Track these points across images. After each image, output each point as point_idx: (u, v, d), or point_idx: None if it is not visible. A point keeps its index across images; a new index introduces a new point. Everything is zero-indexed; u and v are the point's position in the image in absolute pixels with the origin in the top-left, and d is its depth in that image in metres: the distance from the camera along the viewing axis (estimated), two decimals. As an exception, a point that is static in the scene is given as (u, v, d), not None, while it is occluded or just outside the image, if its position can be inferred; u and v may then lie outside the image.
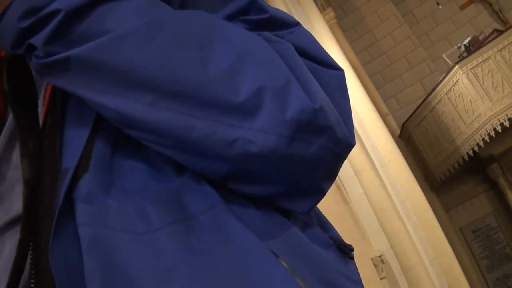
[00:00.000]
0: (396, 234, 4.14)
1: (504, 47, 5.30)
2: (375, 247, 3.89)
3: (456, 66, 5.42)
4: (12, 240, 0.40)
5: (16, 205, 0.41)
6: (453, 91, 5.52)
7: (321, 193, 0.42)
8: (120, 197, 0.37)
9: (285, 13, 0.48)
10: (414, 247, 4.21)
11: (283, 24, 0.46)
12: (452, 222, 5.97)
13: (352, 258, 0.47)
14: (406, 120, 6.19)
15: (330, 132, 0.39)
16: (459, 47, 6.04)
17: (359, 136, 4.51)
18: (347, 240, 0.49)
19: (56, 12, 0.36)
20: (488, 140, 5.26)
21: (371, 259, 3.35)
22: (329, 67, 0.44)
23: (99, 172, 0.38)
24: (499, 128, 5.16)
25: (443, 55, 6.41)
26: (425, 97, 5.99)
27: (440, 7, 6.92)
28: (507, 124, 5.13)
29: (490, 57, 5.31)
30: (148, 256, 0.33)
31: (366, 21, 7.29)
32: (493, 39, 5.43)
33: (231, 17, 0.45)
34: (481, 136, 5.30)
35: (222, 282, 0.32)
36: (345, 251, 0.46)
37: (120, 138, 0.41)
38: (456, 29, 6.83)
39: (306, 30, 0.47)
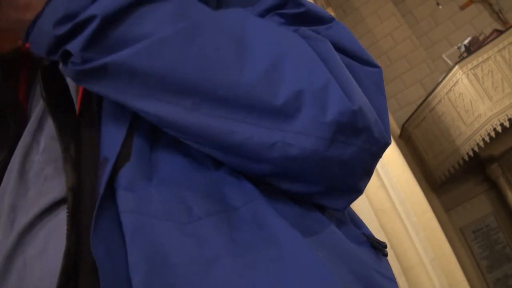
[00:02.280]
0: (396, 234, 4.14)
1: (504, 47, 5.29)
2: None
3: (456, 66, 5.41)
4: (45, 229, 0.39)
5: (47, 191, 0.41)
6: (453, 91, 5.51)
7: (358, 192, 0.43)
8: (161, 186, 0.37)
9: (320, 8, 0.48)
10: (414, 247, 4.21)
11: (319, 19, 0.46)
12: (452, 222, 5.97)
13: (385, 255, 0.46)
14: (406, 121, 6.19)
15: (368, 133, 0.39)
16: (459, 47, 6.04)
17: (359, 136, 4.51)
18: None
19: (92, 18, 0.36)
20: (488, 140, 5.26)
21: (371, 259, 3.34)
22: (367, 64, 0.44)
23: (140, 162, 0.38)
24: (499, 128, 5.16)
25: (443, 55, 6.40)
26: (425, 97, 5.99)
27: (440, 7, 6.92)
28: (507, 124, 5.12)
29: (490, 57, 5.30)
30: (191, 245, 0.33)
31: (366, 21, 7.29)
32: (493, 39, 5.43)
33: (268, 11, 0.45)
34: (481, 136, 5.30)
35: (264, 274, 0.32)
36: (379, 248, 0.45)
37: (158, 131, 0.41)
38: (456, 29, 6.83)
39: (343, 26, 0.47)
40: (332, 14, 6.36)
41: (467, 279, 4.46)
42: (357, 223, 0.49)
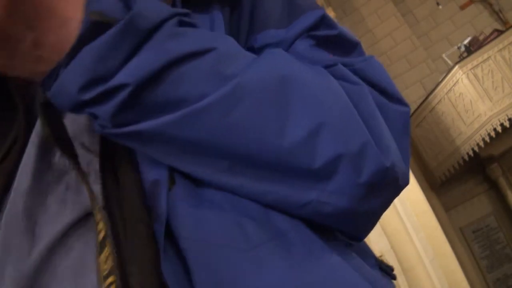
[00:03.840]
0: (396, 234, 4.14)
1: (504, 47, 5.29)
2: (375, 247, 3.89)
3: (456, 66, 5.42)
4: (80, 243, 0.37)
5: (72, 203, 0.38)
6: (453, 91, 5.52)
7: (375, 224, 0.44)
8: (217, 209, 0.36)
9: (348, 31, 0.48)
10: (414, 247, 4.21)
11: (348, 43, 0.47)
12: (452, 222, 5.97)
13: (394, 279, 0.47)
14: (406, 120, 6.19)
15: (395, 183, 0.40)
16: (459, 47, 6.04)
17: (359, 136, 4.51)
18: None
19: (123, 86, 0.33)
20: (488, 140, 5.26)
21: (371, 259, 3.34)
22: (398, 102, 0.44)
23: (186, 185, 0.37)
24: (499, 128, 5.16)
25: (443, 55, 6.41)
26: (425, 97, 5.99)
27: (440, 7, 6.92)
28: (507, 124, 5.12)
29: (490, 57, 5.30)
30: (254, 272, 0.33)
31: (366, 21, 7.29)
32: (493, 39, 5.43)
33: (302, 33, 0.45)
34: (481, 136, 5.30)
35: None
36: (388, 272, 0.46)
37: None
38: (456, 29, 6.83)
39: (378, 62, 0.47)
40: (332, 14, 6.36)
41: (467, 279, 4.47)
42: (367, 247, 0.49)
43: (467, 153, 5.50)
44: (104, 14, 0.33)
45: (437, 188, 6.05)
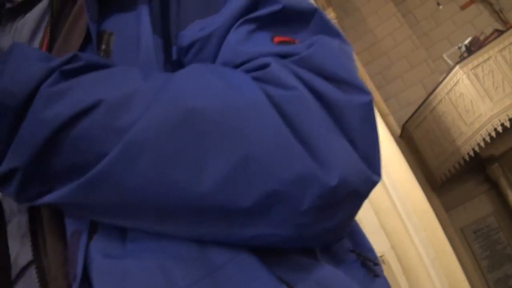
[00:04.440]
0: (397, 234, 4.13)
1: (504, 47, 5.29)
2: (376, 247, 3.87)
3: (457, 67, 5.41)
4: None
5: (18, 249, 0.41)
6: (454, 91, 5.51)
7: (348, 227, 0.41)
8: (139, 254, 0.34)
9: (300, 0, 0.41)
10: (415, 247, 4.21)
11: (299, 14, 0.40)
12: (452, 223, 5.97)
13: (378, 275, 0.42)
14: (407, 121, 6.19)
15: (354, 195, 0.35)
16: (459, 47, 6.03)
17: (359, 136, 4.51)
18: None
19: (13, 171, 0.32)
20: (488, 140, 5.25)
21: (372, 259, 3.34)
22: (355, 91, 0.37)
23: (110, 231, 0.35)
24: (499, 128, 5.16)
25: (444, 55, 6.40)
26: (425, 97, 5.98)
27: (440, 7, 6.91)
28: (507, 124, 5.12)
29: (490, 57, 5.30)
30: None
31: (366, 22, 7.29)
32: (494, 39, 5.42)
33: (236, 19, 0.38)
34: (481, 136, 5.29)
35: None
36: (370, 267, 0.42)
37: None
38: (456, 29, 6.83)
39: (328, 40, 0.39)
40: (333, 14, 6.36)
41: (467, 279, 4.46)
42: (355, 240, 0.45)
43: (468, 153, 5.50)
44: None
45: (438, 188, 6.05)
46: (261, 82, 0.35)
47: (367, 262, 0.42)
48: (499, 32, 5.56)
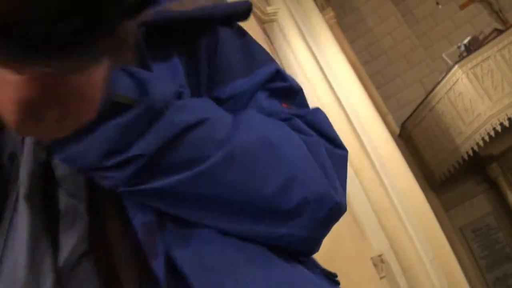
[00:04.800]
0: (396, 233, 4.14)
1: (504, 47, 5.30)
2: (375, 246, 3.89)
3: (456, 66, 5.42)
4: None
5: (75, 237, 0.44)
6: (453, 90, 5.52)
7: (320, 244, 0.52)
8: (207, 243, 0.44)
9: (293, 79, 0.57)
10: (414, 247, 4.21)
11: (295, 92, 0.56)
12: (451, 222, 5.97)
13: (338, 284, 0.55)
14: (406, 120, 6.19)
15: (340, 213, 0.50)
16: (459, 47, 6.04)
17: (358, 135, 4.51)
18: (347, 240, 0.53)
19: (138, 157, 0.39)
20: (487, 140, 5.26)
21: (371, 258, 3.34)
22: (339, 147, 0.53)
23: (175, 224, 0.44)
24: (498, 128, 5.16)
25: (443, 55, 6.40)
26: (425, 96, 5.99)
27: (440, 6, 6.92)
28: (506, 123, 5.13)
29: (490, 56, 5.31)
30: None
31: (366, 21, 7.29)
32: (493, 38, 5.43)
33: (261, 85, 0.53)
34: (480, 135, 5.30)
35: None
36: (333, 278, 0.54)
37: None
38: (456, 29, 6.83)
39: (323, 113, 0.56)
40: (332, 13, 6.36)
41: (466, 279, 4.47)
42: (313, 261, 0.55)
43: (467, 153, 5.50)
44: (126, 97, 0.39)
45: (437, 188, 6.06)
46: (302, 125, 0.51)
47: (329, 275, 0.53)
48: (498, 32, 5.57)
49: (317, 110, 0.55)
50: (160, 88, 0.41)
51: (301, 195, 0.45)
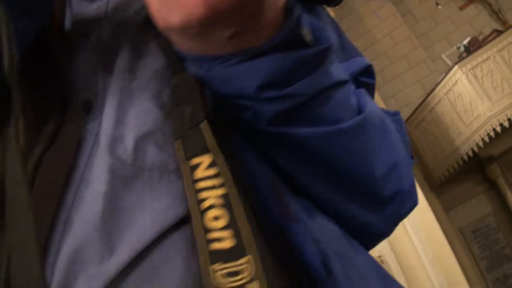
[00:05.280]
0: (396, 234, 4.13)
1: (503, 48, 5.30)
2: (375, 247, 3.89)
3: (456, 67, 5.42)
4: (175, 251, 0.35)
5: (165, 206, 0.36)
6: (453, 91, 5.52)
7: None
8: (323, 217, 0.43)
9: None
10: (414, 248, 4.21)
11: (374, 92, 0.55)
12: (451, 223, 5.97)
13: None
14: (406, 120, 6.19)
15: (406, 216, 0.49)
16: (458, 48, 6.04)
17: (358, 136, 4.51)
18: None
19: (296, 96, 0.37)
20: (487, 141, 5.26)
21: (371, 259, 3.34)
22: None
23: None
24: (498, 129, 5.16)
25: (443, 56, 6.41)
26: (424, 97, 5.99)
27: (439, 7, 6.92)
28: (506, 124, 5.13)
29: (489, 57, 5.31)
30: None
31: (365, 22, 7.29)
32: (493, 39, 5.43)
33: (353, 76, 0.50)
34: (480, 136, 5.30)
35: None
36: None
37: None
38: (455, 30, 6.84)
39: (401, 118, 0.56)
40: (332, 14, 6.37)
41: (466, 279, 4.47)
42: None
43: (467, 153, 5.50)
44: (309, 34, 0.36)
45: (437, 188, 6.06)
46: (395, 123, 0.50)
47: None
48: (498, 32, 5.57)
49: (399, 113, 0.54)
50: (328, 36, 0.39)
51: (398, 186, 0.44)
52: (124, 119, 0.40)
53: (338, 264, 0.38)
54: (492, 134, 5.21)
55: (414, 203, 0.46)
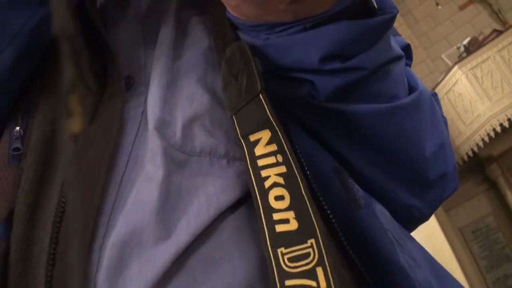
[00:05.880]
0: (396, 234, 4.14)
1: (503, 48, 5.29)
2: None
3: (456, 67, 5.42)
4: (225, 235, 0.33)
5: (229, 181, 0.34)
6: (453, 91, 5.52)
7: None
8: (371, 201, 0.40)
9: None
10: (414, 248, 4.21)
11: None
12: (451, 223, 5.97)
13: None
14: (406, 121, 6.20)
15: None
16: (458, 48, 6.04)
17: (358, 136, 4.51)
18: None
19: (359, 69, 0.34)
20: (487, 141, 5.26)
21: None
22: None
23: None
24: (498, 129, 5.16)
25: (443, 56, 6.41)
26: (424, 97, 5.99)
27: (439, 7, 6.92)
28: (506, 124, 5.13)
29: (489, 57, 5.30)
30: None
31: (365, 22, 7.29)
32: (493, 39, 5.43)
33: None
34: (480, 136, 5.30)
35: None
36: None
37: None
38: (455, 30, 6.83)
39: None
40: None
41: (466, 279, 4.47)
42: None
43: (467, 153, 5.50)
44: (375, 2, 0.34)
45: (437, 188, 6.05)
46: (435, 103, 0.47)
47: None
48: (498, 32, 5.57)
49: (437, 95, 0.52)
50: (394, 5, 0.36)
51: (443, 168, 0.41)
52: (172, 100, 0.37)
53: (400, 252, 0.35)
54: (492, 134, 5.21)
55: (455, 186, 0.44)
